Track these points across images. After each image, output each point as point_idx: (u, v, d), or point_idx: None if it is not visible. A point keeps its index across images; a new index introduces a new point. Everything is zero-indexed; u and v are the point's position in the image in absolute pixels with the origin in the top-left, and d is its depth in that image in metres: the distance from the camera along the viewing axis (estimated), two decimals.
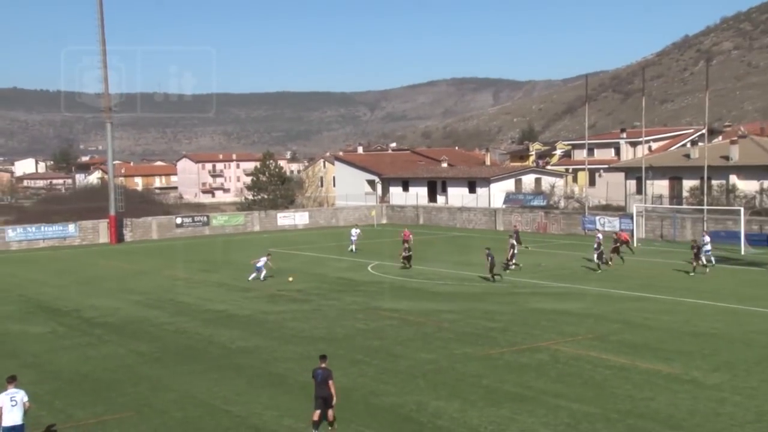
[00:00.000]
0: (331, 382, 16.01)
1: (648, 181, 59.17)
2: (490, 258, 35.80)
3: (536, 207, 65.98)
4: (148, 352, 23.87)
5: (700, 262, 37.47)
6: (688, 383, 19.22)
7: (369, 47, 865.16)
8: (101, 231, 62.28)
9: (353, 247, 50.01)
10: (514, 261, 39.74)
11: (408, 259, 40.67)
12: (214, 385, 19.99)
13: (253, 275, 37.67)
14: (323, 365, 16.24)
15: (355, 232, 51.56)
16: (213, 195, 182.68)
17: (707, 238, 40.41)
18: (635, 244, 48.13)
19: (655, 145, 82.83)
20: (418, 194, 77.08)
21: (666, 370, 20.36)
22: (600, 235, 41.91)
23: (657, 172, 61.05)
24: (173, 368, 21.77)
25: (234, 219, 70.14)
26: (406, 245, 41.78)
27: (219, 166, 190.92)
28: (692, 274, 36.73)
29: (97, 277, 41.52)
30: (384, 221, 75.41)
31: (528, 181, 74.96)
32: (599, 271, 38.91)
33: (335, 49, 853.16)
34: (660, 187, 61.64)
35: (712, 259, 39.60)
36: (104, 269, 44.90)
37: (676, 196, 61.21)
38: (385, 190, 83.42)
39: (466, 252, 47.68)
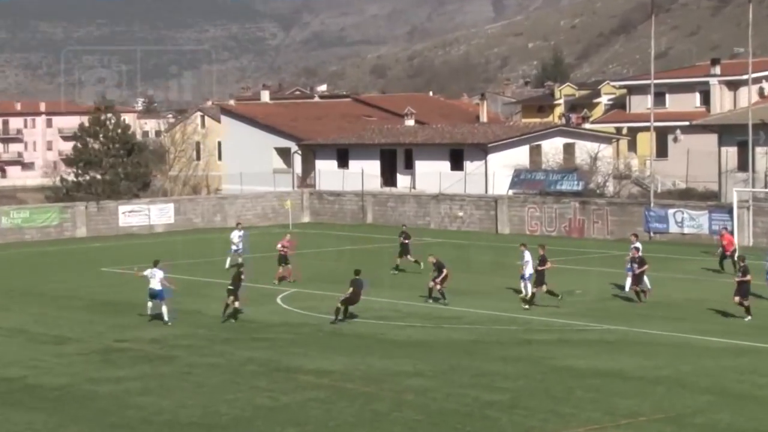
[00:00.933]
0: None
1: (759, 149, 59.77)
2: (355, 286, 36.55)
3: (566, 193, 66.33)
4: None
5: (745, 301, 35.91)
6: None
7: None
8: None
9: (240, 259, 49.51)
10: (444, 286, 40.06)
11: (235, 290, 38.00)
12: None
13: (164, 310, 36.89)
14: None
15: (238, 235, 52.17)
16: (3, 174, 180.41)
17: None
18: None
19: None
20: (365, 172, 76.99)
21: None
22: (638, 244, 41.84)
23: None
24: None
25: (41, 216, 69.65)
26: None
27: (16, 122, 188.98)
28: (748, 318, 35.94)
29: None
30: (306, 219, 75.33)
31: (552, 149, 75.44)
32: (639, 303, 39.61)
33: None
34: None
35: None
36: None
37: None
38: (309, 166, 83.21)
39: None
